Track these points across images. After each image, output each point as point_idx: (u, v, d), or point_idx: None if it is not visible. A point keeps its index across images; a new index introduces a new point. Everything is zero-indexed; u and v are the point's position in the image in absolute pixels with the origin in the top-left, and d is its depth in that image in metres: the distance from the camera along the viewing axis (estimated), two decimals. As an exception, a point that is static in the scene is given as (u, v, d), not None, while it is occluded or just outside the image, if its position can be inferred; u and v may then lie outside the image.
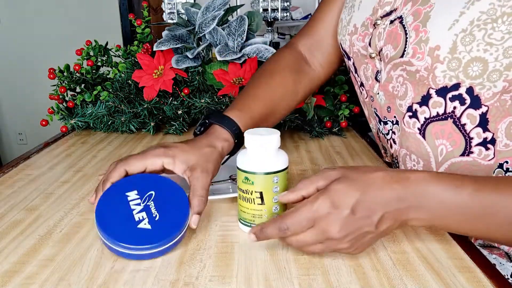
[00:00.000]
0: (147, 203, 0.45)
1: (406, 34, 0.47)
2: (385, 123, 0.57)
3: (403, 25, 0.47)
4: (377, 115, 0.58)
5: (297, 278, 0.41)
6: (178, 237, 0.44)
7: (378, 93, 0.56)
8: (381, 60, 0.53)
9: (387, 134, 0.57)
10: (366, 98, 0.60)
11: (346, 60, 0.64)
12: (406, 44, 0.47)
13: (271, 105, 0.62)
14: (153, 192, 0.46)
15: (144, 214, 0.44)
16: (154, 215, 0.44)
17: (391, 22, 0.50)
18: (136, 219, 0.43)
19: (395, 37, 0.48)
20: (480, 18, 0.41)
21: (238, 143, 0.56)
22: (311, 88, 0.69)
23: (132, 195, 0.45)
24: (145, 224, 0.43)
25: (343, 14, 0.62)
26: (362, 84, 0.60)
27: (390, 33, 0.49)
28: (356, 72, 0.61)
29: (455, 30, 0.42)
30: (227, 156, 0.56)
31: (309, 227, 0.39)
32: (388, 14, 0.51)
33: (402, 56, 0.48)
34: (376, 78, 0.55)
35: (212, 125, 0.55)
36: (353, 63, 0.61)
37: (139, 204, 0.45)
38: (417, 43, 0.45)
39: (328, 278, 0.41)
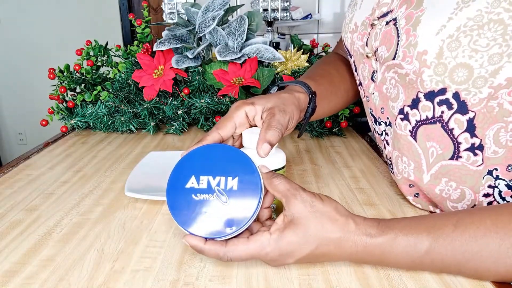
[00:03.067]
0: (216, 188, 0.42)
1: (398, 36, 0.47)
2: (379, 123, 0.57)
3: (397, 28, 0.48)
4: (372, 115, 0.59)
5: (297, 278, 0.41)
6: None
7: (373, 93, 0.56)
8: (377, 61, 0.53)
9: (381, 135, 0.57)
10: (363, 97, 0.61)
11: (348, 57, 0.64)
12: (397, 47, 0.47)
13: (331, 82, 0.65)
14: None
15: (207, 196, 0.41)
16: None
17: (387, 23, 0.50)
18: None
19: (389, 38, 0.49)
20: (467, 25, 0.41)
21: (312, 102, 0.56)
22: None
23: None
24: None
25: (347, 12, 0.63)
26: (360, 83, 0.61)
27: (385, 34, 0.50)
28: (356, 70, 0.61)
29: (442, 36, 0.42)
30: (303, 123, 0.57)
31: None
32: (385, 15, 0.51)
33: (394, 59, 0.48)
34: (372, 78, 0.56)
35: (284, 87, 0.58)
36: (354, 61, 0.61)
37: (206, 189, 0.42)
38: (406, 47, 0.46)
39: (328, 278, 0.41)
